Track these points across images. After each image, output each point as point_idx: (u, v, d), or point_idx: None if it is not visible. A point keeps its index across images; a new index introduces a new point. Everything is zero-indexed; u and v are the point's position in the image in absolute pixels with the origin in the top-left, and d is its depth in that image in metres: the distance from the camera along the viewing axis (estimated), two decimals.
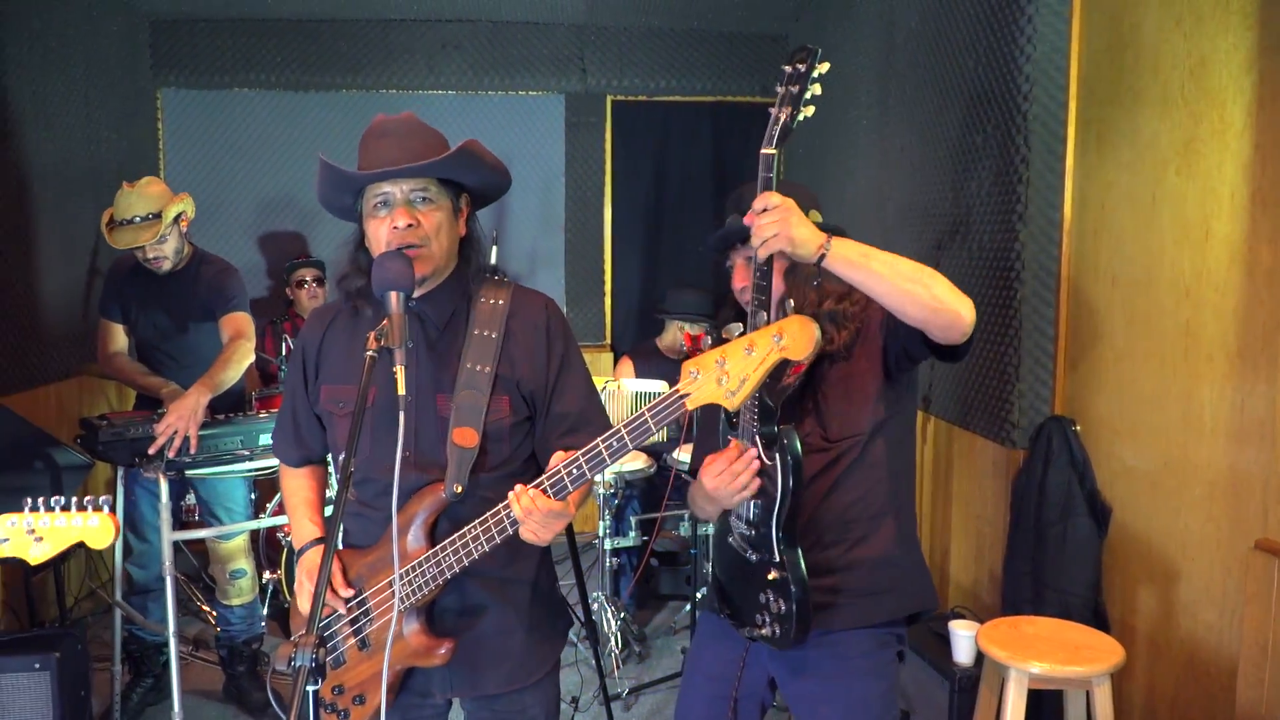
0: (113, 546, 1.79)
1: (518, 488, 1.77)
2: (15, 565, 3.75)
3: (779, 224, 1.79)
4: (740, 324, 1.71)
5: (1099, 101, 3.13)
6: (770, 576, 1.95)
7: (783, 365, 1.61)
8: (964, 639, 3.04)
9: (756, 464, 1.90)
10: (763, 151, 1.85)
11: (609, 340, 6.30)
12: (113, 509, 1.78)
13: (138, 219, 3.60)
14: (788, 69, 1.82)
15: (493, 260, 3.91)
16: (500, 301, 1.98)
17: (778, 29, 6.08)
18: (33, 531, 1.76)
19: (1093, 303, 3.17)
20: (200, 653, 4.29)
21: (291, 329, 5.12)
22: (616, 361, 5.48)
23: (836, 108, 5.17)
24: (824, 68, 1.81)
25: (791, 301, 1.76)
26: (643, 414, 1.69)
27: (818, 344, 1.59)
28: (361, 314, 2.01)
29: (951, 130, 3.82)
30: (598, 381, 4.33)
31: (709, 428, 2.27)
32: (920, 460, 4.18)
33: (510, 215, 6.05)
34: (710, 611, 2.31)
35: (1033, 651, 2.64)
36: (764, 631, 2.00)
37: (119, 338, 3.82)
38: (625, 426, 1.71)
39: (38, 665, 2.84)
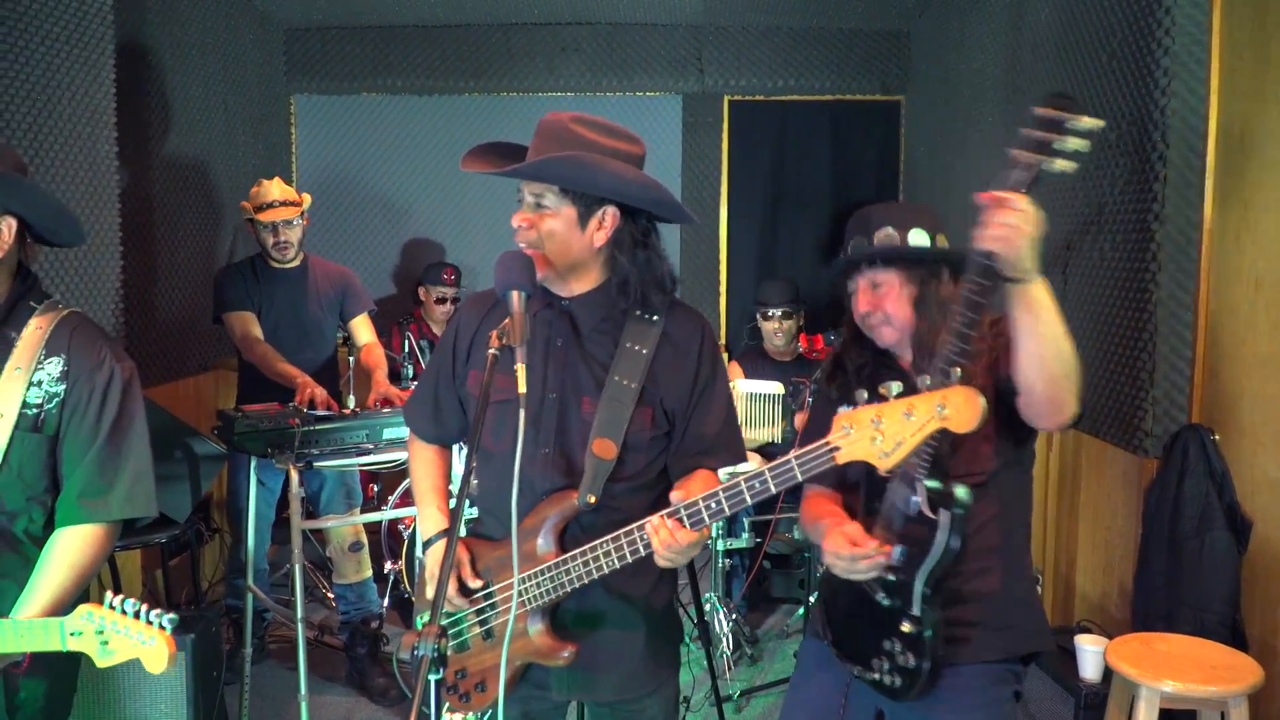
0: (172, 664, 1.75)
1: (655, 519, 1.77)
2: (155, 548, 3.96)
3: (1016, 229, 1.67)
4: (899, 382, 1.66)
5: (1242, 96, 2.98)
6: (904, 628, 1.93)
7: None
8: (1091, 654, 2.94)
9: (883, 561, 1.88)
10: (1003, 195, 1.69)
11: (724, 341, 6.28)
12: (175, 630, 1.74)
13: (277, 203, 4.01)
14: (1038, 110, 1.65)
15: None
16: (656, 318, 1.99)
17: (899, 25, 5.97)
18: (101, 634, 1.74)
19: (1234, 306, 3.02)
20: (326, 638, 4.44)
21: (417, 330, 5.25)
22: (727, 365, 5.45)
23: (961, 105, 5.05)
24: (1088, 123, 1.62)
25: (959, 370, 1.71)
26: (789, 460, 1.68)
27: (984, 418, 1.53)
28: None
29: None
30: None
31: (822, 406, 2.25)
32: (1045, 468, 4.05)
33: None
34: (814, 638, 2.28)
35: (1165, 670, 2.54)
36: (879, 678, 1.98)
37: (257, 325, 4.02)
38: (770, 470, 1.70)
39: None
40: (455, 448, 2.34)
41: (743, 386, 4.71)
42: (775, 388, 4.68)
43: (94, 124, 3.57)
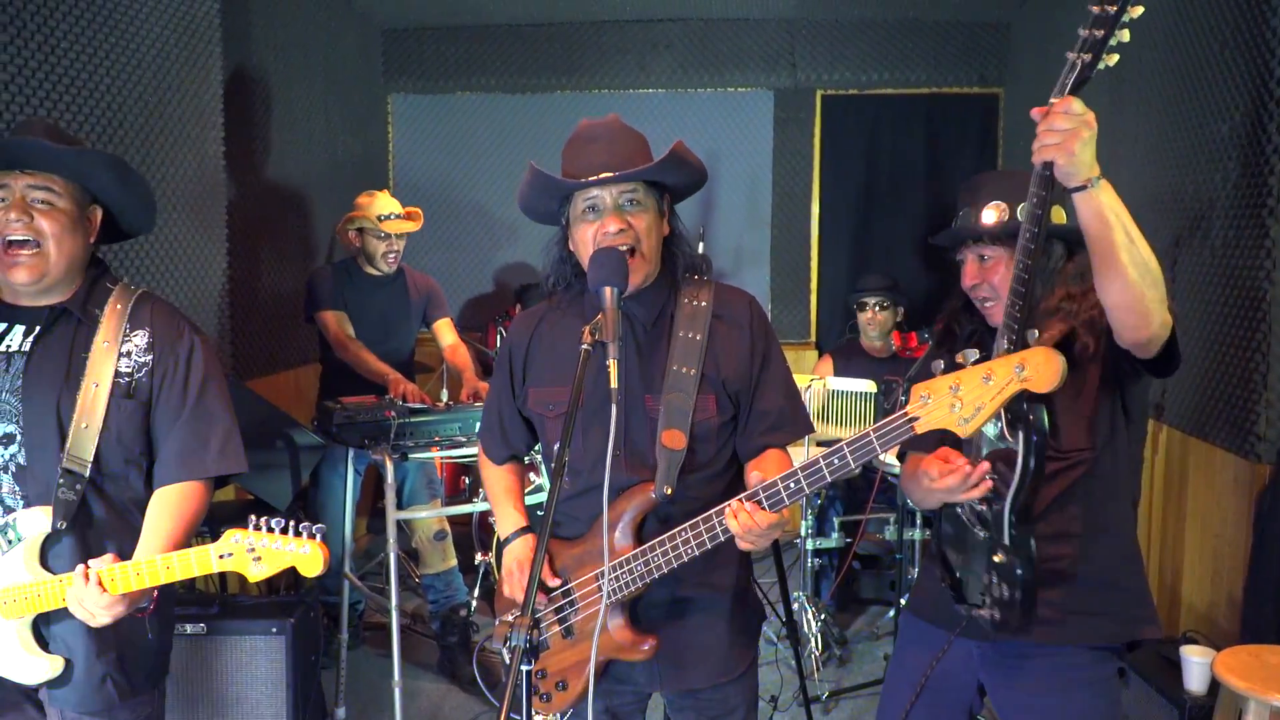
0: (328, 561, 1.87)
1: (734, 503, 1.77)
2: None
3: (1067, 135, 1.64)
4: (976, 350, 1.64)
5: None
6: (996, 559, 1.88)
7: (1020, 395, 1.53)
8: (1197, 666, 2.83)
9: (983, 468, 1.82)
10: (1052, 101, 1.69)
11: (814, 338, 6.22)
12: (324, 539, 1.86)
13: (395, 216, 4.16)
14: (1095, 10, 1.63)
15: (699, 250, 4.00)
16: (703, 302, 2.00)
17: (999, 16, 5.82)
18: (252, 550, 1.86)
19: None
20: (418, 626, 4.52)
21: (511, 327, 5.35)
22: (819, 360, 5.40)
23: None
24: (1137, 11, 1.62)
25: (1036, 331, 1.67)
26: (868, 434, 1.66)
27: (1063, 377, 1.50)
28: (567, 317, 2.06)
29: (1193, 118, 3.55)
30: (802, 380, 4.29)
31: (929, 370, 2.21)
32: (1150, 472, 3.91)
33: (716, 212, 6.07)
34: (912, 614, 2.26)
35: (1276, 683, 2.44)
36: (984, 613, 1.93)
37: (350, 324, 4.13)
38: (849, 445, 1.68)
39: (275, 630, 3.07)
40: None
41: (832, 383, 4.66)
42: (867, 385, 4.63)
43: (202, 125, 3.69)
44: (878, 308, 4.81)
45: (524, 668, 1.45)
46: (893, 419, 1.63)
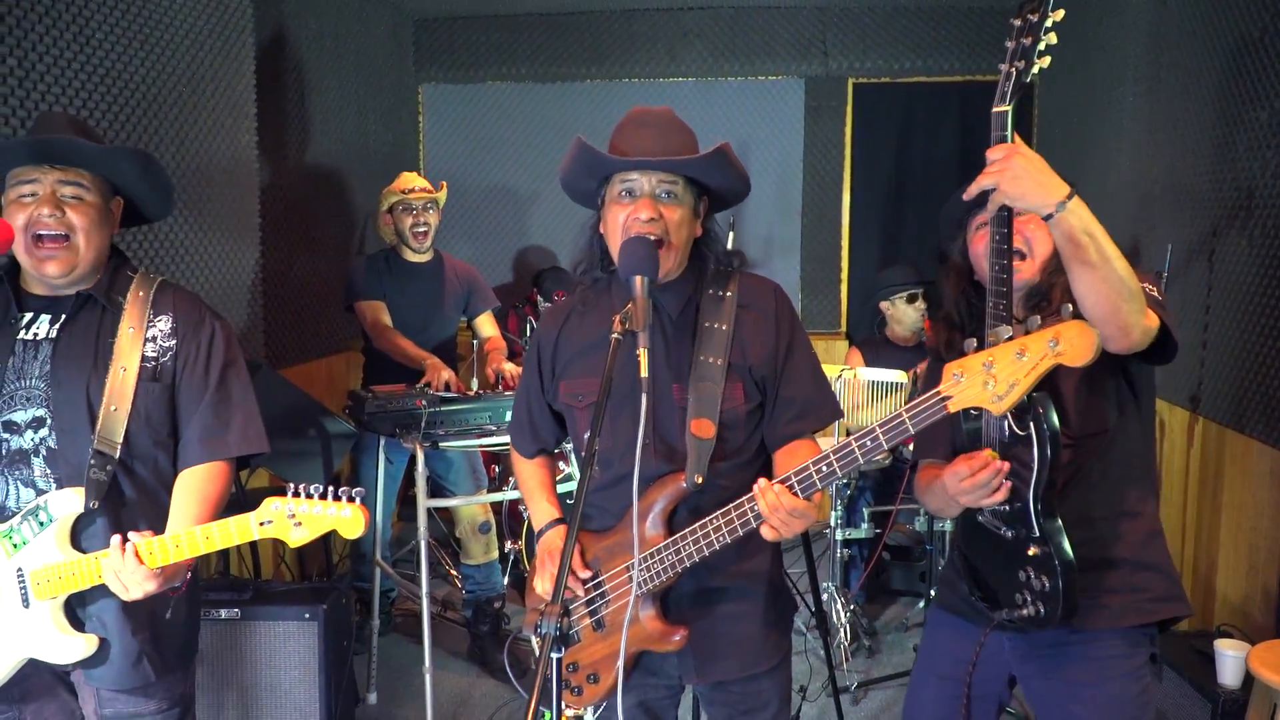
0: (368, 529, 1.88)
1: (761, 483, 1.76)
2: None
3: (996, 175, 1.68)
4: (1008, 327, 1.62)
5: None
6: (1030, 553, 1.86)
7: (1055, 370, 1.51)
8: (1231, 659, 2.81)
9: (1007, 466, 1.80)
10: (994, 110, 1.74)
11: (845, 329, 6.19)
12: (364, 501, 1.90)
13: (417, 189, 4.20)
14: (1017, 21, 1.69)
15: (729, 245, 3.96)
16: (729, 292, 2.00)
17: (1033, 1, 5.74)
18: (293, 516, 1.90)
19: None
20: (448, 614, 4.56)
21: (532, 312, 5.37)
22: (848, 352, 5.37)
23: (1100, 86, 4.85)
24: (1058, 15, 1.67)
25: (1070, 306, 1.65)
26: (900, 414, 1.65)
27: (1098, 350, 1.48)
28: (594, 309, 2.07)
29: (1233, 105, 3.50)
30: (833, 370, 4.27)
31: (939, 371, 2.19)
32: (1185, 465, 3.87)
33: (747, 201, 5.93)
34: (941, 608, 2.24)
35: None
36: (1026, 612, 1.91)
37: (387, 313, 4.16)
38: (881, 426, 1.67)
39: (307, 615, 3.10)
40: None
41: (863, 374, 4.64)
42: (897, 375, 4.60)
43: (235, 115, 3.72)
44: (920, 299, 4.78)
45: (554, 655, 1.45)
46: (925, 398, 1.62)
